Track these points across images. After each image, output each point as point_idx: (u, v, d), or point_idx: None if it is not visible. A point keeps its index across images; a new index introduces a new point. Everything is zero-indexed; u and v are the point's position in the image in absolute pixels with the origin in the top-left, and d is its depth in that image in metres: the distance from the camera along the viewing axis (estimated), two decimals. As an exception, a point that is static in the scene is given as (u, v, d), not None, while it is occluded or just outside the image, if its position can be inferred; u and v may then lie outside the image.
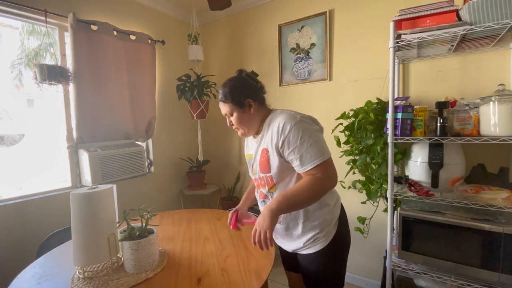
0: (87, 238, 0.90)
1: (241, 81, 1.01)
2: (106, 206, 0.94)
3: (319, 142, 0.88)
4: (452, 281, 1.25)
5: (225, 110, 1.02)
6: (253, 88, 1.02)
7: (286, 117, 0.92)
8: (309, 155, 0.86)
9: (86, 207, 0.90)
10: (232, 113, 1.00)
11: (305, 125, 0.89)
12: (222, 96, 1.01)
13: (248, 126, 1.02)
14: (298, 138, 0.87)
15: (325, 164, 0.87)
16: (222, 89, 1.01)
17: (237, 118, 1.00)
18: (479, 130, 1.21)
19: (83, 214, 0.90)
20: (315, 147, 0.86)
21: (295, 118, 0.90)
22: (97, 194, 0.92)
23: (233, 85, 1.00)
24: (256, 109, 1.00)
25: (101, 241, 0.91)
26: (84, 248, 0.89)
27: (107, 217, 0.94)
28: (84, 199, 0.90)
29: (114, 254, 0.94)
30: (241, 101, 0.98)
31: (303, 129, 0.88)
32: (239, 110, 0.99)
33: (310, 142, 0.86)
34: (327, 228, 0.97)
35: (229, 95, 0.98)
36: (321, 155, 0.86)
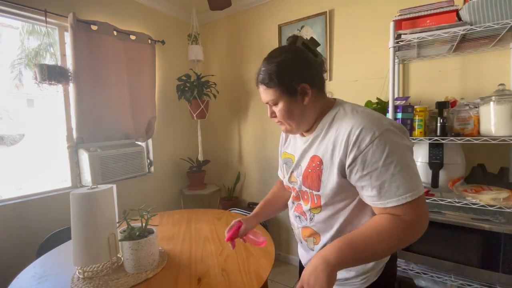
0: (87, 238, 0.90)
1: (296, 55, 0.69)
2: (106, 206, 0.94)
3: (411, 168, 0.60)
4: (452, 281, 1.25)
5: (267, 97, 0.71)
6: (312, 65, 0.70)
7: (365, 120, 0.62)
8: (395, 186, 0.58)
9: (86, 207, 0.90)
10: (277, 102, 0.70)
11: (395, 138, 0.60)
12: (264, 77, 0.69)
13: (299, 121, 0.72)
14: (382, 158, 0.58)
15: (418, 202, 0.59)
16: (266, 66, 0.69)
17: (284, 109, 0.70)
18: (479, 130, 1.21)
19: (83, 214, 0.90)
20: (406, 175, 0.58)
21: (380, 125, 0.60)
22: (97, 194, 0.92)
23: (284, 61, 0.68)
24: (313, 98, 0.70)
25: (101, 241, 0.91)
26: (84, 248, 0.89)
27: (107, 217, 0.94)
28: (84, 199, 0.90)
29: (114, 254, 0.94)
30: (293, 86, 0.67)
31: (392, 145, 0.59)
32: (289, 98, 0.69)
33: (399, 167, 0.58)
34: (367, 272, 0.74)
35: (275, 76, 0.67)
36: (413, 188, 0.58)
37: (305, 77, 0.68)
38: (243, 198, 2.56)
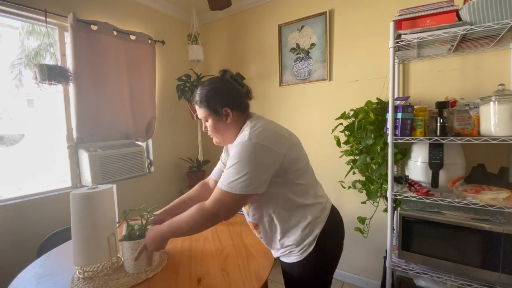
0: (87, 238, 0.90)
1: (223, 85, 0.91)
2: (106, 206, 0.94)
3: (243, 173, 0.79)
4: (452, 281, 1.25)
5: (200, 114, 0.93)
6: (236, 93, 0.92)
7: (243, 135, 0.83)
8: (225, 176, 0.82)
9: (86, 207, 0.90)
10: (207, 119, 0.92)
11: (251, 151, 0.79)
12: (198, 98, 0.91)
13: (223, 135, 0.94)
14: (233, 159, 0.81)
15: (226, 195, 0.80)
16: (200, 91, 0.91)
17: (212, 125, 0.92)
18: (479, 130, 1.21)
19: (83, 214, 0.90)
20: (235, 174, 0.79)
21: (249, 140, 0.80)
22: (97, 194, 0.92)
23: (212, 88, 0.90)
24: (234, 119, 0.90)
25: (101, 241, 0.91)
26: (84, 248, 0.89)
27: (107, 217, 0.94)
28: (84, 199, 0.90)
29: (114, 254, 0.94)
30: (217, 109, 0.89)
31: (244, 154, 0.79)
32: (215, 117, 0.90)
33: (235, 167, 0.79)
34: (302, 243, 0.90)
35: (205, 99, 0.89)
36: (231, 184, 0.79)
37: (229, 102, 0.89)
38: (243, 198, 2.56)
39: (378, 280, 1.86)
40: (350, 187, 1.89)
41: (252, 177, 0.79)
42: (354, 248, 1.96)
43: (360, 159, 1.65)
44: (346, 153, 1.76)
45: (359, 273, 1.98)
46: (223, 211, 0.83)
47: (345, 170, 1.87)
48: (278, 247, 0.95)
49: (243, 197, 0.81)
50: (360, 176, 1.84)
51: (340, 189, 1.94)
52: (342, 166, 1.89)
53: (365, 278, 1.95)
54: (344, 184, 1.91)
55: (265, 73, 2.30)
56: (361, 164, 1.65)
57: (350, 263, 1.99)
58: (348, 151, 1.75)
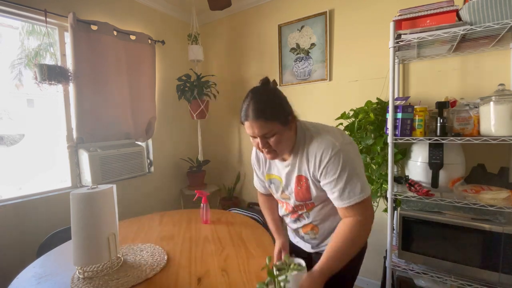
0: (87, 238, 0.90)
1: (278, 93, 0.84)
2: (106, 206, 0.94)
3: (360, 176, 0.79)
4: (452, 281, 1.25)
5: (264, 129, 0.79)
6: (286, 99, 0.86)
7: (325, 145, 0.80)
8: (348, 190, 0.78)
9: (86, 207, 0.90)
10: (275, 133, 0.80)
11: (346, 154, 0.79)
12: (260, 113, 0.77)
13: (288, 146, 0.86)
14: (337, 172, 0.78)
15: (366, 202, 0.79)
16: (257, 103, 0.78)
17: (281, 138, 0.81)
18: (479, 130, 1.21)
19: (83, 214, 0.90)
20: (356, 181, 0.78)
21: (334, 147, 0.79)
22: (97, 194, 0.92)
23: (274, 98, 0.82)
24: (294, 125, 0.87)
25: (101, 241, 0.91)
26: (84, 248, 0.89)
27: (107, 217, 0.94)
28: (84, 199, 0.90)
29: (114, 254, 0.94)
30: (287, 118, 0.81)
31: (344, 160, 0.78)
32: (284, 128, 0.81)
33: (350, 177, 0.77)
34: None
35: (275, 111, 0.78)
36: (361, 191, 0.77)
37: (289, 109, 0.84)
38: (243, 198, 2.56)
39: (378, 280, 1.86)
40: (350, 187, 1.89)
41: (362, 172, 0.82)
42: (354, 248, 1.96)
43: (360, 159, 1.65)
44: (346, 153, 1.76)
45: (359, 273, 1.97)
46: (371, 213, 0.81)
47: (345, 170, 1.86)
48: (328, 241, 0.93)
49: (370, 197, 0.81)
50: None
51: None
52: (342, 166, 1.88)
53: (365, 278, 1.95)
54: (344, 184, 1.90)
55: (265, 73, 2.30)
56: (361, 164, 1.65)
57: (350, 263, 1.99)
58: (348, 151, 1.75)
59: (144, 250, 1.08)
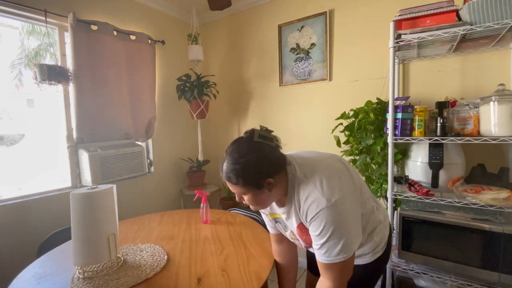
0: (87, 238, 0.90)
1: (257, 153, 0.75)
2: (106, 206, 0.94)
3: (343, 235, 0.73)
4: (452, 281, 1.25)
5: (234, 190, 0.79)
6: (271, 156, 0.76)
7: (311, 199, 0.74)
8: (325, 250, 0.73)
9: (86, 207, 0.90)
10: (245, 194, 0.78)
11: (332, 212, 0.71)
12: (231, 176, 0.74)
13: (266, 204, 0.83)
14: (319, 229, 0.73)
15: (342, 264, 0.74)
16: (231, 165, 0.74)
17: (252, 200, 0.78)
18: (479, 130, 1.21)
19: (83, 214, 0.90)
20: (338, 241, 0.72)
21: (320, 204, 0.72)
22: (97, 194, 0.92)
23: (247, 162, 0.73)
24: (277, 185, 0.78)
25: (101, 241, 0.91)
26: (84, 248, 0.89)
27: (107, 217, 0.94)
28: (84, 199, 0.90)
29: (114, 254, 0.94)
30: (259, 183, 0.75)
31: (328, 220, 0.71)
32: (256, 191, 0.76)
33: (332, 237, 0.72)
34: (376, 249, 0.90)
35: (242, 177, 0.74)
36: (339, 253, 0.72)
37: (268, 172, 0.75)
38: (243, 198, 2.56)
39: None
40: (350, 187, 1.89)
41: (354, 232, 0.76)
42: (354, 248, 1.96)
43: (360, 159, 1.65)
44: (346, 153, 1.76)
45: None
46: (346, 277, 0.78)
47: (345, 170, 1.86)
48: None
49: (353, 256, 0.76)
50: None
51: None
52: (342, 166, 1.88)
53: (365, 278, 1.95)
54: (344, 184, 1.90)
55: (265, 73, 2.30)
56: (361, 164, 1.65)
57: (350, 263, 1.99)
58: (348, 151, 1.75)
59: (144, 250, 1.08)
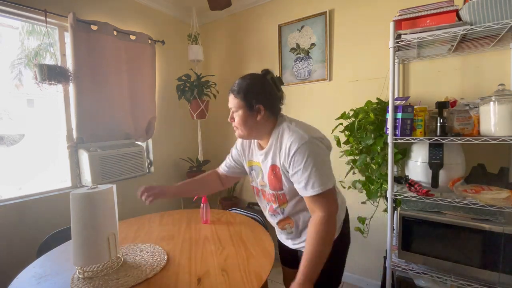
0: (87, 238, 0.90)
1: (263, 83, 0.92)
2: (106, 206, 0.94)
3: (324, 168, 0.84)
4: (452, 281, 1.25)
5: (232, 103, 0.94)
6: (272, 95, 0.93)
7: (293, 136, 0.86)
8: (312, 182, 0.82)
9: (86, 207, 0.90)
10: (238, 110, 0.93)
11: (313, 146, 0.84)
12: (236, 88, 0.92)
13: (250, 131, 0.95)
14: (302, 162, 0.83)
15: (328, 193, 0.83)
16: (240, 81, 0.92)
17: (241, 117, 0.92)
18: (479, 130, 1.21)
19: (83, 214, 0.89)
20: (319, 173, 0.82)
21: (303, 139, 0.85)
22: (97, 194, 0.92)
23: (253, 83, 0.91)
24: (264, 118, 0.92)
25: (101, 241, 0.91)
26: (84, 248, 0.89)
27: (107, 217, 0.94)
28: (84, 199, 0.90)
29: (114, 254, 0.94)
30: (252, 103, 0.90)
31: (309, 152, 0.83)
32: (247, 111, 0.91)
33: (315, 168, 0.82)
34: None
35: (243, 91, 0.90)
36: (324, 183, 0.82)
37: (263, 101, 0.91)
38: (243, 198, 2.56)
39: (378, 280, 1.86)
40: (350, 187, 1.89)
41: (327, 166, 0.87)
42: (354, 248, 1.95)
43: (360, 159, 1.65)
44: (346, 153, 1.76)
45: (359, 273, 1.98)
46: (334, 207, 0.86)
47: (345, 170, 1.86)
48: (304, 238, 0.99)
49: (333, 190, 0.86)
50: (360, 176, 1.84)
51: (340, 189, 1.94)
52: (342, 166, 1.89)
53: (365, 278, 1.95)
54: (344, 184, 1.91)
55: (265, 73, 2.30)
56: (361, 164, 1.65)
57: (350, 263, 1.99)
58: (348, 151, 1.75)
59: (144, 250, 1.08)
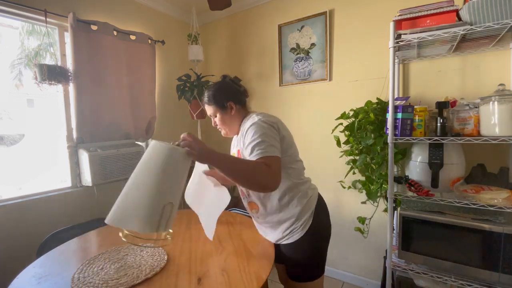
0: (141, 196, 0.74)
1: (225, 85, 1.10)
2: (180, 170, 0.80)
3: (267, 140, 0.91)
4: (452, 281, 1.25)
5: (209, 111, 1.11)
6: (235, 91, 1.10)
7: (250, 120, 1.00)
8: (256, 148, 0.90)
9: (162, 161, 0.76)
10: (215, 114, 1.09)
11: (261, 124, 0.95)
12: (206, 99, 1.09)
13: (230, 126, 1.10)
14: (250, 136, 0.94)
15: (271, 159, 0.88)
16: (207, 92, 1.10)
17: (220, 119, 1.09)
18: (479, 130, 1.21)
19: (153, 166, 0.76)
20: (262, 142, 0.91)
21: (253, 120, 0.98)
22: (180, 155, 0.78)
23: (217, 88, 1.09)
24: (237, 111, 1.08)
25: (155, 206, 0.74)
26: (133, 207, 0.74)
27: (176, 184, 0.80)
28: (165, 152, 0.76)
29: (163, 228, 0.75)
30: (223, 103, 1.06)
31: (257, 129, 0.94)
32: (221, 111, 1.07)
33: (260, 139, 0.91)
34: (302, 218, 1.02)
35: (212, 97, 1.07)
36: (267, 150, 0.89)
37: (231, 97, 1.07)
38: (243, 198, 2.56)
39: (378, 280, 1.86)
40: (350, 187, 1.89)
41: (273, 141, 0.93)
42: (354, 248, 1.96)
43: (360, 159, 1.65)
44: (346, 153, 1.76)
45: (359, 273, 1.98)
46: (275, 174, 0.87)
47: (345, 170, 1.87)
48: (278, 228, 1.05)
49: (277, 159, 0.90)
50: (360, 176, 1.84)
51: (340, 189, 1.94)
52: (342, 166, 1.89)
53: (365, 278, 1.95)
54: (344, 184, 1.91)
55: (265, 73, 2.30)
56: (361, 164, 1.65)
57: (350, 263, 1.99)
58: (348, 151, 1.75)
59: (144, 250, 1.08)
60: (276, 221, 1.05)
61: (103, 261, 1.00)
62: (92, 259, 1.02)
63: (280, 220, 1.04)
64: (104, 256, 1.04)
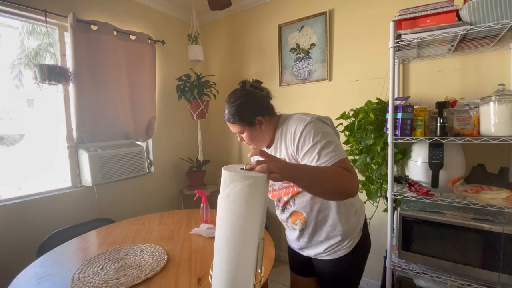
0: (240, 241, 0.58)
1: (248, 97, 0.93)
2: (264, 198, 0.62)
3: (333, 141, 0.82)
4: (452, 281, 1.25)
5: (234, 129, 0.96)
6: (261, 100, 0.94)
7: (296, 122, 0.88)
8: (326, 153, 0.79)
9: (242, 196, 0.59)
10: (242, 132, 0.95)
11: (317, 124, 0.85)
12: (229, 117, 0.93)
13: (261, 141, 0.98)
14: (311, 139, 0.82)
15: (346, 161, 0.80)
16: (228, 109, 0.93)
17: (249, 136, 0.95)
18: (479, 130, 1.21)
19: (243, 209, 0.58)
20: (331, 144, 0.80)
21: (304, 120, 0.86)
22: (258, 180, 0.59)
23: (240, 104, 0.91)
24: (267, 123, 0.95)
25: (249, 251, 0.58)
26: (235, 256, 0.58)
27: (264, 216, 0.63)
28: (245, 183, 0.59)
29: (259, 266, 0.60)
30: (251, 120, 0.92)
31: (316, 130, 0.83)
32: (250, 128, 0.93)
33: (325, 141, 0.81)
34: (351, 235, 0.95)
35: (237, 116, 0.92)
36: (338, 153, 0.79)
37: (258, 111, 0.92)
38: (243, 198, 2.56)
39: (378, 280, 1.86)
40: (350, 187, 1.89)
41: (337, 139, 0.86)
42: (354, 248, 1.96)
43: (360, 159, 1.65)
44: (346, 153, 1.76)
45: (359, 273, 1.97)
46: (355, 174, 0.78)
47: (345, 170, 1.86)
48: (322, 239, 0.96)
49: (348, 160, 0.82)
50: (360, 176, 1.83)
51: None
52: (342, 166, 1.89)
53: (365, 278, 1.95)
54: (344, 184, 1.90)
55: (265, 73, 2.30)
56: (361, 164, 1.65)
57: (350, 263, 1.99)
58: (348, 151, 1.75)
59: (144, 250, 1.08)
60: (324, 235, 0.95)
61: (103, 261, 1.00)
62: (92, 259, 1.02)
63: (328, 234, 0.94)
64: (104, 256, 1.04)
